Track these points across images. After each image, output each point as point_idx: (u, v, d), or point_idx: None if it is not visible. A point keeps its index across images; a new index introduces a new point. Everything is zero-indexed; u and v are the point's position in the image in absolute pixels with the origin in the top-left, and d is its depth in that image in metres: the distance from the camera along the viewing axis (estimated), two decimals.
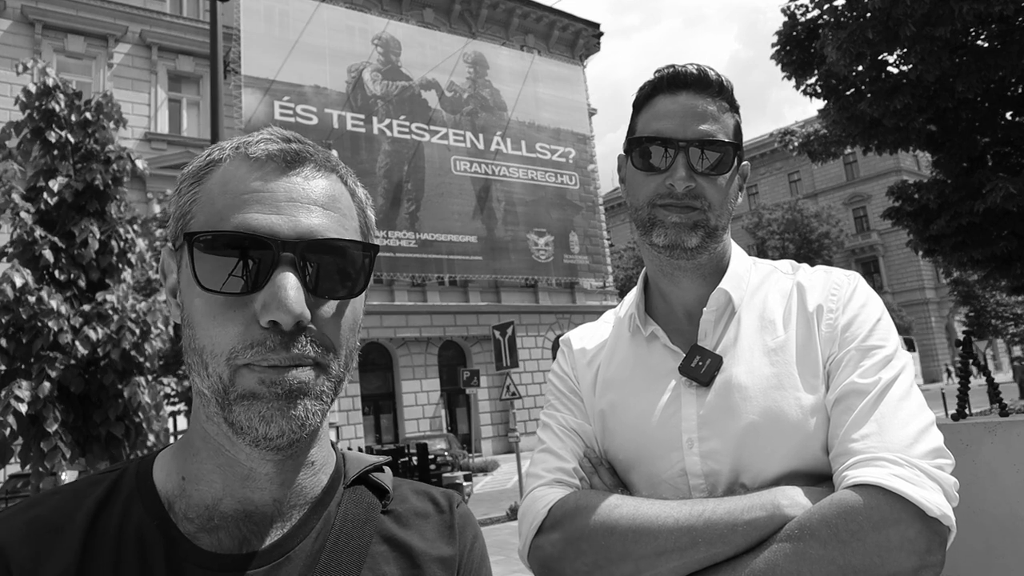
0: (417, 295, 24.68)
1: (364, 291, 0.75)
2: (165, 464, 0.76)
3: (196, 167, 0.75)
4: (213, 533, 0.70)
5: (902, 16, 10.72)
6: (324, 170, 0.75)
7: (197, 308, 0.68)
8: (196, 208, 0.71)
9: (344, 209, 0.75)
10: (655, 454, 1.07)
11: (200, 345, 0.68)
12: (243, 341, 0.66)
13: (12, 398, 6.10)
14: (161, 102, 21.19)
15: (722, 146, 1.08)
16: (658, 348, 1.15)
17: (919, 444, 0.91)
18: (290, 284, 0.66)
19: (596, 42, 31.28)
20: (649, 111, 1.13)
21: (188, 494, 0.72)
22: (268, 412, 0.66)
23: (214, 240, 0.67)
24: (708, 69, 1.12)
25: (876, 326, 1.03)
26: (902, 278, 45.73)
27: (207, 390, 0.68)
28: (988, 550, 2.49)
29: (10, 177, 6.91)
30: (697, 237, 1.08)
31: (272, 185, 0.70)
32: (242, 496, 0.72)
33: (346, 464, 0.83)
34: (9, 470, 14.74)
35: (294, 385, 0.67)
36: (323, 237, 0.70)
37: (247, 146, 0.73)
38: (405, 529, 0.80)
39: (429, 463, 16.14)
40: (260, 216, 0.68)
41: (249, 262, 0.67)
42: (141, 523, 0.69)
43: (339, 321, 0.72)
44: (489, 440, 25.33)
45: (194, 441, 0.74)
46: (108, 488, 0.73)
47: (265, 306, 0.66)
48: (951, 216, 13.27)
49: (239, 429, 0.67)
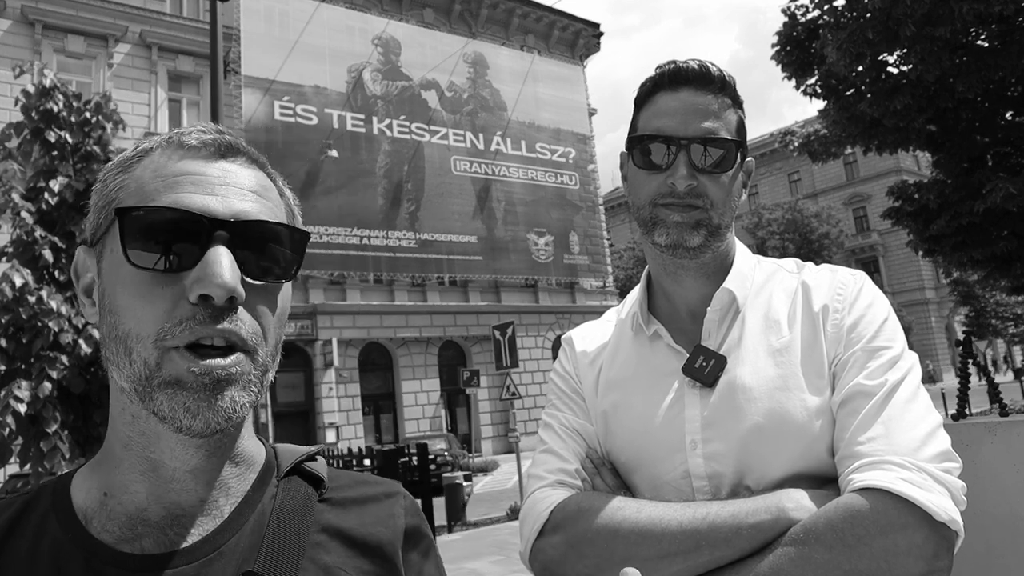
0: (417, 295, 24.67)
1: (293, 279, 0.74)
2: (83, 481, 0.73)
3: (124, 157, 0.73)
4: (135, 542, 0.67)
5: (902, 16, 10.72)
6: (256, 164, 0.76)
7: (123, 290, 0.66)
8: (124, 194, 0.70)
9: (274, 201, 0.75)
10: (658, 456, 1.05)
11: (124, 330, 0.66)
12: (171, 318, 0.64)
13: (12, 398, 6.10)
14: (161, 102, 21.18)
15: (724, 143, 1.06)
16: (661, 348, 1.13)
17: (927, 447, 0.90)
18: (224, 259, 0.65)
19: (596, 42, 31.28)
20: (650, 108, 1.11)
21: (109, 508, 0.69)
22: (194, 404, 0.64)
23: (146, 215, 0.66)
24: (710, 65, 1.10)
25: (883, 326, 1.01)
26: (902, 278, 45.72)
27: (127, 381, 0.66)
28: (988, 550, 2.49)
29: (10, 177, 6.91)
30: (700, 236, 1.06)
31: (206, 169, 0.70)
32: (168, 501, 0.69)
33: (278, 456, 0.82)
34: (9, 470, 14.73)
35: (221, 375, 0.65)
36: (258, 218, 0.70)
37: (180, 135, 0.73)
38: (344, 516, 0.78)
39: (429, 463, 16.14)
40: (195, 196, 0.68)
41: (181, 240, 0.66)
42: (55, 540, 0.67)
43: (269, 305, 0.71)
44: (489, 440, 25.31)
45: (115, 451, 0.71)
46: (20, 508, 0.70)
47: (198, 280, 0.64)
48: (951, 216, 13.27)
49: (163, 417, 0.65)
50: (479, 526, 11.97)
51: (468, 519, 12.25)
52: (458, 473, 13.33)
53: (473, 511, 13.00)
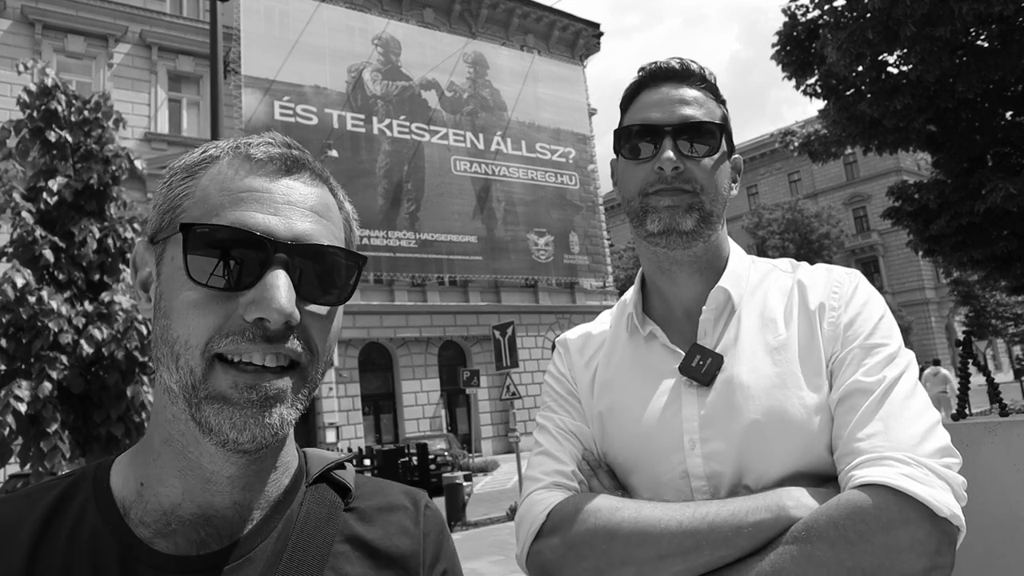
0: (417, 295, 24.67)
1: (346, 302, 0.75)
2: (123, 469, 0.74)
3: (191, 162, 0.74)
4: (170, 537, 0.68)
5: (902, 16, 10.72)
6: (319, 180, 0.76)
7: (178, 298, 0.67)
8: (189, 202, 0.70)
9: (334, 220, 0.76)
10: (656, 456, 1.05)
11: (174, 336, 0.67)
12: (221, 330, 0.65)
13: (12, 398, 6.10)
14: (161, 102, 21.17)
15: (708, 127, 1.07)
16: (657, 348, 1.12)
17: (927, 442, 0.89)
18: (282, 283, 0.66)
19: (596, 42, 31.28)
20: (634, 106, 1.13)
21: (145, 499, 0.70)
22: (241, 420, 0.65)
23: (210, 233, 0.67)
24: (690, 62, 1.12)
25: (879, 324, 1.02)
26: (902, 278, 45.70)
27: (175, 385, 0.67)
28: (988, 550, 2.49)
29: (11, 177, 6.91)
30: (692, 220, 1.06)
31: (271, 186, 0.71)
32: (202, 500, 0.70)
33: (308, 462, 0.82)
34: (9, 470, 14.73)
35: (271, 392, 0.66)
36: (317, 242, 0.70)
37: (248, 146, 0.73)
38: (368, 526, 0.79)
39: (429, 463, 16.15)
40: (257, 215, 0.68)
41: (241, 259, 0.66)
42: (95, 528, 0.68)
43: (322, 327, 0.72)
44: (489, 440, 25.31)
45: (154, 444, 0.72)
46: (61, 493, 0.71)
47: (255, 303, 0.65)
48: (951, 216, 13.27)
49: (207, 430, 0.66)
50: (479, 526, 11.98)
51: (468, 519, 12.25)
52: (458, 473, 13.34)
53: (473, 511, 13.00)
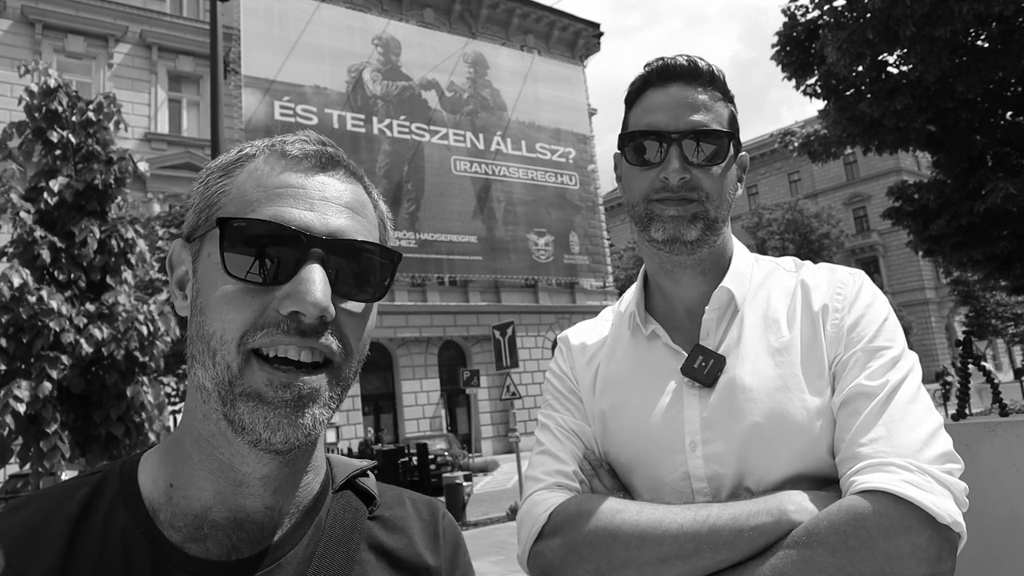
0: (417, 295, 24.67)
1: (381, 299, 0.75)
2: (151, 468, 0.72)
3: (226, 161, 0.74)
4: (201, 542, 0.68)
5: (902, 16, 10.71)
6: (354, 177, 0.76)
7: (215, 294, 0.67)
8: (225, 200, 0.71)
9: (369, 217, 0.76)
10: (657, 457, 1.04)
11: (210, 331, 0.66)
12: (256, 323, 0.65)
13: (11, 398, 6.10)
14: (161, 102, 21.18)
15: (716, 136, 1.06)
16: (659, 347, 1.12)
17: (929, 448, 0.89)
18: (318, 278, 0.65)
19: (596, 42, 31.27)
20: (640, 105, 1.11)
21: (175, 502, 0.69)
22: (275, 420, 0.65)
23: (246, 228, 0.67)
24: (698, 59, 1.09)
25: (883, 326, 1.01)
26: (902, 278, 45.70)
27: (210, 382, 0.66)
28: (988, 551, 2.49)
29: (10, 177, 6.91)
30: (696, 230, 1.05)
31: (307, 182, 0.71)
32: (234, 504, 0.69)
33: (332, 469, 0.82)
34: (9, 470, 14.73)
35: (304, 391, 0.66)
36: (352, 238, 0.70)
37: (283, 144, 0.74)
38: (392, 536, 0.79)
39: (429, 463, 16.14)
40: (294, 210, 0.68)
41: (277, 254, 0.67)
42: (125, 530, 0.67)
43: (356, 324, 0.72)
44: (489, 440, 25.31)
45: (184, 444, 0.71)
46: (90, 492, 0.70)
47: (290, 296, 0.65)
48: (951, 216, 13.26)
49: (240, 428, 0.65)
50: (479, 526, 11.98)
51: (468, 519, 12.25)
52: (458, 473, 13.33)
53: (473, 511, 13.00)
